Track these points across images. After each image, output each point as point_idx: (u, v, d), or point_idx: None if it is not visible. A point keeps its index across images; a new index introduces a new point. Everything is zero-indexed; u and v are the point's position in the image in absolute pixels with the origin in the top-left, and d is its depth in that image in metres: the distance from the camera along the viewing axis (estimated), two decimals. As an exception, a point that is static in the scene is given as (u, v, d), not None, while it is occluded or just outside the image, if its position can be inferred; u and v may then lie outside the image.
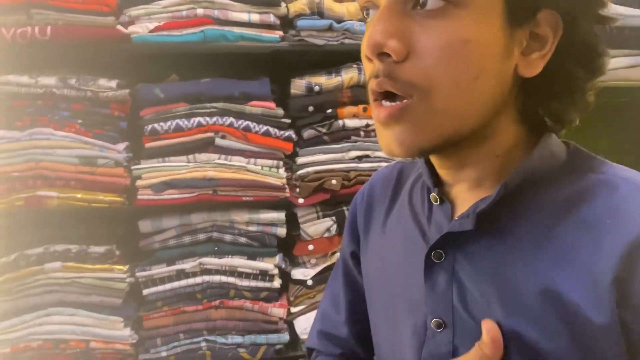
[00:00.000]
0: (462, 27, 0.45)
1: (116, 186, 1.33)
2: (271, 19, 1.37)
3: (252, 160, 1.40)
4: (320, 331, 0.74)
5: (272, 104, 1.40)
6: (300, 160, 1.43)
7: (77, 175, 1.31)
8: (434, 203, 0.56)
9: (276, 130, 1.40)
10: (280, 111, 1.41)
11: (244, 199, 1.38)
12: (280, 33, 1.38)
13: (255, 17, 1.36)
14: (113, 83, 1.33)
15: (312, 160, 1.43)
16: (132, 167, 1.35)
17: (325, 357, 0.75)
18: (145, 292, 1.38)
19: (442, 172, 0.56)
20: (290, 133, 1.41)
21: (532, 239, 0.49)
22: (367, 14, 0.52)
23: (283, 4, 1.39)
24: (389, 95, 0.47)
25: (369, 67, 0.49)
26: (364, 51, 0.48)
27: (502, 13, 0.46)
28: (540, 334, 0.47)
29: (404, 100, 0.47)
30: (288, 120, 1.42)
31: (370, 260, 0.66)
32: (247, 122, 1.38)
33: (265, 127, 1.39)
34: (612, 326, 0.44)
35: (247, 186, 1.38)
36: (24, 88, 1.28)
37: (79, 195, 1.31)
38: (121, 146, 1.35)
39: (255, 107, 1.39)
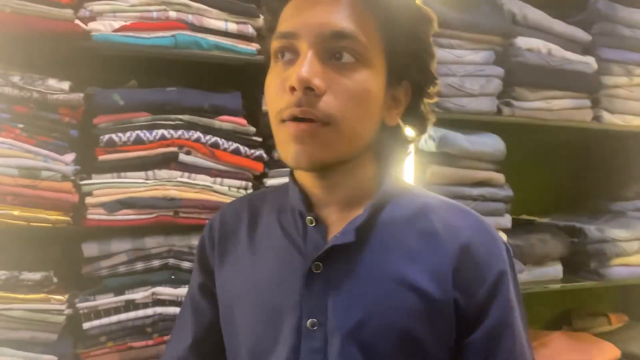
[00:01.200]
0: (367, 80, 0.66)
1: (62, 203, 1.15)
2: (249, 30, 1.29)
3: (219, 179, 1.29)
4: (172, 357, 0.82)
5: (244, 120, 1.31)
6: (269, 182, 1.34)
7: (16, 188, 1.12)
8: (309, 225, 0.71)
9: (246, 148, 1.30)
10: (252, 129, 1.31)
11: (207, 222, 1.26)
12: (258, 46, 1.30)
13: (232, 27, 1.27)
14: (65, 85, 1.16)
15: (282, 182, 1.34)
16: (82, 182, 1.18)
17: None
18: (86, 325, 1.20)
19: (316, 193, 0.72)
20: (261, 152, 1.32)
21: (388, 246, 0.70)
22: (282, 55, 0.67)
23: (261, 16, 1.31)
24: (301, 120, 0.63)
25: (288, 96, 0.63)
26: (292, 83, 0.62)
27: (385, 75, 0.68)
28: (400, 316, 0.66)
29: (315, 124, 0.63)
30: (259, 139, 1.33)
31: (234, 279, 0.76)
32: (215, 138, 1.27)
33: (235, 145, 1.29)
34: (448, 302, 0.67)
35: (212, 208, 1.26)
36: (-47, 81, 1.08)
37: (16, 213, 1.11)
38: (69, 157, 1.17)
39: (225, 122, 1.28)
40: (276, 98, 0.66)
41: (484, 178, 1.56)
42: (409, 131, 0.77)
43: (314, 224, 0.71)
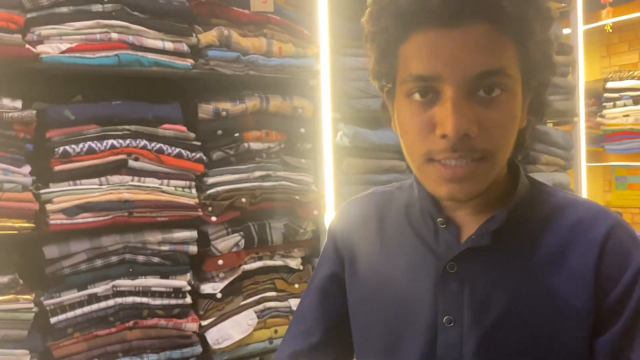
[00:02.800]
0: (512, 107, 0.64)
1: (25, 211, 1.27)
2: (184, 47, 1.45)
3: (166, 181, 1.45)
4: (295, 352, 0.80)
5: (184, 127, 1.48)
6: (210, 180, 1.52)
7: (-19, 200, 1.21)
8: (441, 226, 0.72)
9: (188, 152, 1.48)
10: (192, 134, 1.49)
11: (159, 219, 1.43)
12: (192, 61, 1.47)
13: (169, 45, 1.43)
14: (18, 103, 1.27)
15: (221, 180, 1.53)
16: (42, 192, 1.29)
17: None
18: (53, 320, 1.32)
19: (446, 196, 0.67)
20: (201, 155, 1.50)
21: (523, 247, 0.68)
22: (421, 94, 0.63)
23: (194, 35, 1.48)
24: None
25: (436, 139, 0.62)
26: (446, 132, 0.60)
27: (522, 91, 0.66)
28: (537, 321, 0.65)
29: (470, 162, 0.62)
30: (198, 143, 1.50)
31: (366, 275, 0.78)
32: (160, 145, 1.43)
33: (177, 149, 1.46)
34: (590, 311, 0.63)
35: (162, 207, 1.43)
36: None
37: (-18, 223, 1.21)
38: (26, 169, 1.29)
39: (167, 129, 1.45)
40: (420, 139, 0.63)
41: (390, 166, 1.84)
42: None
43: (445, 226, 0.72)
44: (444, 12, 0.60)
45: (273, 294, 1.63)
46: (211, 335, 1.52)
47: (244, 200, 1.54)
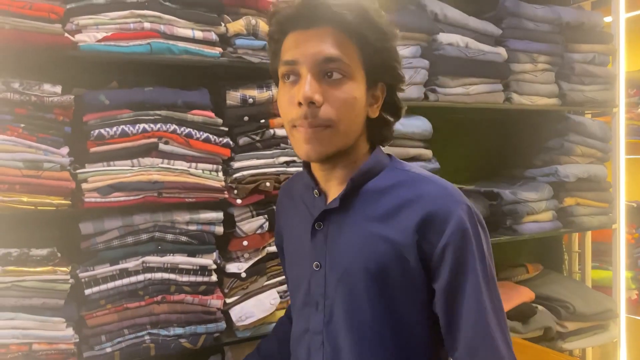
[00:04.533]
0: (352, 89, 0.89)
1: (62, 189, 1.36)
2: (213, 36, 1.51)
3: (194, 164, 1.52)
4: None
5: (212, 113, 1.54)
6: (236, 164, 1.58)
7: (23, 179, 1.31)
8: (316, 196, 0.99)
9: (215, 137, 1.54)
10: (219, 120, 1.55)
11: (187, 200, 1.50)
12: (220, 50, 1.53)
13: (198, 34, 1.49)
14: (58, 88, 1.36)
15: (247, 165, 1.59)
16: (78, 171, 1.39)
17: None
18: (88, 291, 1.41)
19: (320, 174, 0.98)
20: (228, 140, 1.56)
21: (365, 210, 0.93)
22: (288, 77, 0.90)
23: (222, 24, 1.53)
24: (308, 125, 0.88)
25: (296, 109, 0.87)
26: (299, 99, 0.86)
27: (365, 84, 0.91)
28: (375, 260, 0.90)
29: (318, 128, 0.88)
30: (226, 129, 1.56)
31: (287, 238, 1.11)
32: (189, 129, 1.50)
33: (205, 134, 1.52)
34: (412, 246, 0.88)
35: (189, 189, 1.50)
36: (-37, 90, 1.26)
37: (24, 199, 1.31)
38: (65, 150, 1.38)
39: (196, 115, 1.51)
40: (287, 110, 0.90)
41: (415, 154, 1.85)
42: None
43: (318, 195, 0.99)
44: (304, 19, 0.89)
45: (296, 276, 1.68)
46: (235, 313, 1.59)
47: (268, 184, 1.59)
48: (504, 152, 2.40)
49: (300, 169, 1.63)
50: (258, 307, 1.61)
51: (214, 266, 1.55)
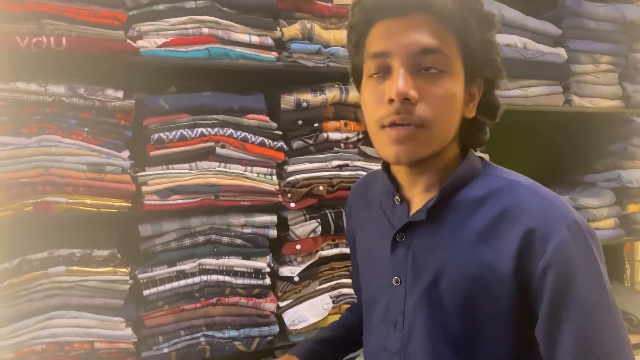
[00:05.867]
0: (451, 86, 0.78)
1: (123, 192, 1.39)
2: (269, 41, 1.52)
3: (249, 168, 1.53)
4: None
5: (267, 118, 1.54)
6: (290, 168, 1.58)
7: (86, 181, 1.35)
8: (397, 203, 0.88)
9: (270, 141, 1.55)
10: (274, 124, 1.55)
11: (242, 203, 1.51)
12: (276, 54, 1.54)
13: (255, 39, 1.51)
14: (120, 93, 1.39)
15: (301, 169, 1.59)
16: (138, 175, 1.42)
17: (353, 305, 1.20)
18: (146, 292, 1.44)
19: (404, 178, 0.87)
20: (282, 144, 1.56)
21: (456, 225, 0.81)
22: (375, 72, 0.79)
23: (278, 28, 1.54)
24: (400, 125, 0.77)
25: (386, 107, 0.77)
26: (391, 96, 0.75)
27: (464, 78, 0.80)
28: (463, 282, 0.78)
29: (412, 127, 0.76)
30: (280, 132, 1.57)
31: (359, 242, 1.01)
32: (244, 133, 1.51)
33: (260, 138, 1.53)
34: (508, 273, 0.75)
35: (245, 192, 1.51)
36: (32, 95, 1.30)
37: (88, 201, 1.35)
38: (126, 154, 1.41)
39: (252, 119, 1.52)
40: (374, 109, 0.79)
41: (471, 158, 1.80)
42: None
43: (399, 203, 0.87)
44: (396, 6, 0.77)
45: (348, 280, 1.67)
46: (288, 317, 1.59)
47: (321, 188, 1.59)
48: (564, 157, 2.32)
49: (353, 172, 1.64)
50: (311, 312, 1.61)
51: (268, 269, 1.56)
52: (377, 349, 0.90)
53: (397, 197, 0.87)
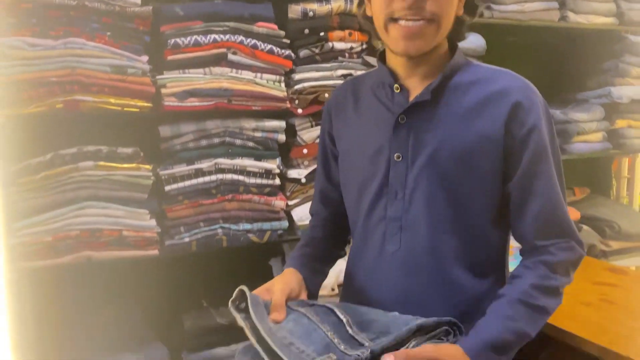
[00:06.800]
0: None
1: (144, 93, 1.50)
2: (277, -50, 1.58)
3: (259, 74, 1.63)
4: (316, 193, 1.22)
5: (275, 26, 1.63)
6: (297, 76, 1.69)
7: (110, 82, 1.45)
8: (396, 91, 0.98)
9: (278, 49, 1.64)
10: (282, 32, 1.64)
11: (253, 108, 1.62)
12: (285, -36, 1.60)
13: (264, -51, 1.57)
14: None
15: (307, 77, 1.69)
16: (157, 77, 1.52)
17: (317, 218, 1.23)
18: (167, 188, 1.58)
19: (402, 70, 0.98)
20: (290, 52, 1.66)
21: (455, 103, 0.95)
22: None
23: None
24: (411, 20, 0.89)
25: (399, 1, 0.87)
26: None
27: None
28: (463, 151, 0.93)
29: (422, 22, 0.88)
30: (287, 41, 1.66)
31: (347, 134, 1.08)
32: (254, 41, 1.60)
33: (269, 46, 1.62)
34: (499, 140, 0.92)
35: (255, 97, 1.62)
36: (58, -1, 1.39)
37: (112, 100, 1.46)
38: (145, 58, 1.51)
39: (261, 27, 1.61)
40: (386, 4, 0.89)
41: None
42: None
43: (399, 91, 0.98)
44: None
45: (352, 183, 1.80)
46: (296, 213, 1.73)
47: (327, 95, 1.69)
48: (558, 76, 2.41)
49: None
50: (317, 210, 1.75)
51: (278, 171, 1.69)
52: (376, 220, 1.02)
53: (396, 85, 0.98)
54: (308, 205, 1.73)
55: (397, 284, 1.00)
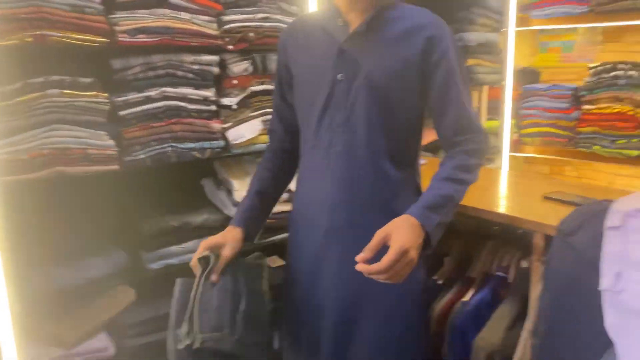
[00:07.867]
0: None
1: (101, 30, 1.74)
2: None
3: (195, 15, 1.94)
4: (274, 112, 1.60)
5: (207, -25, 1.94)
6: (225, 18, 2.02)
7: (71, 19, 1.68)
8: (339, 25, 1.31)
9: (209, -6, 1.96)
10: (212, -20, 1.96)
11: (192, 44, 1.93)
12: None
13: None
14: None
15: (234, 19, 2.03)
16: (110, 16, 1.77)
17: (268, 152, 1.59)
18: (122, 113, 1.85)
19: (344, 6, 1.30)
20: (219, -3, 1.98)
21: (385, 34, 1.28)
22: None
23: None
24: None
25: None
26: None
27: None
28: (390, 69, 1.28)
29: None
30: (217, -14, 1.98)
31: (300, 61, 1.40)
32: (190, -13, 1.91)
33: (202, -9, 1.94)
34: (419, 60, 1.28)
35: (193, 34, 1.93)
36: (18, -56, 1.58)
37: (74, 35, 1.70)
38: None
39: (195, -24, 1.91)
40: None
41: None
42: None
43: (342, 24, 1.31)
44: None
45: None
46: (231, 134, 2.09)
47: (251, 34, 2.05)
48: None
49: (274, 24, 2.12)
50: (247, 131, 2.13)
51: (214, 98, 2.03)
52: (325, 126, 1.34)
53: (340, 19, 1.31)
54: (240, 127, 2.13)
55: (340, 176, 1.34)
